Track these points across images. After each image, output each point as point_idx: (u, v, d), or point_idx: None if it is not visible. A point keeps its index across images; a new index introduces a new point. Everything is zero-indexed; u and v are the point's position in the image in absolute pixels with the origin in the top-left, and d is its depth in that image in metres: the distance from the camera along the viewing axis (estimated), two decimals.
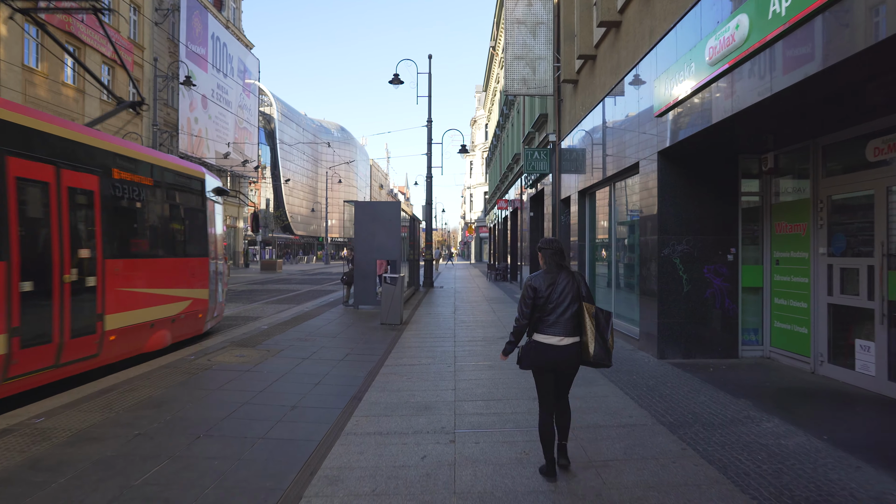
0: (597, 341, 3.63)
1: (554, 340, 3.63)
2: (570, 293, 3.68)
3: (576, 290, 3.70)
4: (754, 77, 5.02)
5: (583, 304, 3.68)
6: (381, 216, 13.73)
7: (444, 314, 12.99)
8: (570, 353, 3.65)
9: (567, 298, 3.66)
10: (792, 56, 4.46)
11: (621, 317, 9.66)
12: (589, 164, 11.01)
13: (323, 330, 10.34)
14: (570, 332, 3.64)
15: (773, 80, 4.71)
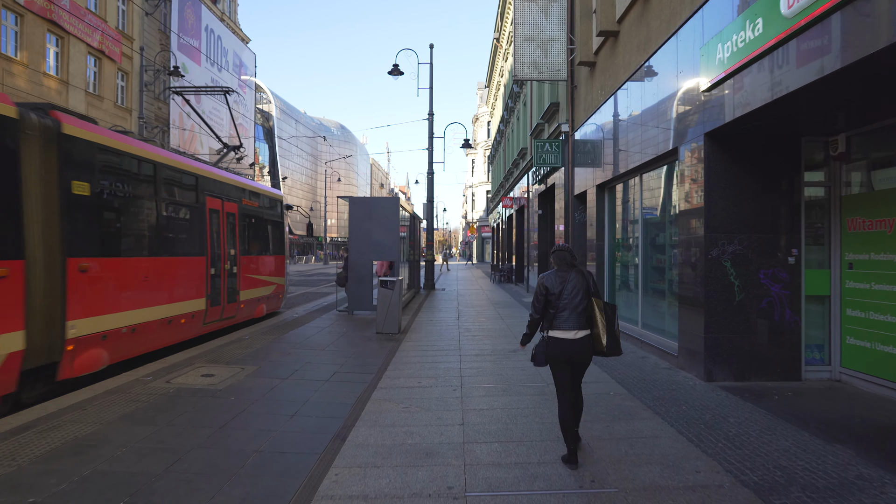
0: (608, 333, 3.92)
1: (569, 335, 3.91)
2: (581, 290, 3.95)
3: (585, 287, 3.97)
4: (857, 28, 3.84)
5: (592, 300, 3.94)
6: (378, 213, 12.55)
7: (447, 321, 11.81)
8: (585, 345, 3.95)
9: (579, 294, 3.94)
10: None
11: (650, 327, 8.47)
12: (609, 154, 9.83)
13: (311, 341, 9.16)
14: (582, 325, 3.92)
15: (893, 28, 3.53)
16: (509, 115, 25.82)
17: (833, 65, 4.08)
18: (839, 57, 4.01)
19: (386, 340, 9.30)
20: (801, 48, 4.45)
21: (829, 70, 4.13)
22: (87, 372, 6.42)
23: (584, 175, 11.79)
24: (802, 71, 4.40)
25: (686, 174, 6.60)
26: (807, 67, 4.36)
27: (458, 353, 8.23)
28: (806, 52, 4.38)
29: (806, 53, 4.39)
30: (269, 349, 8.35)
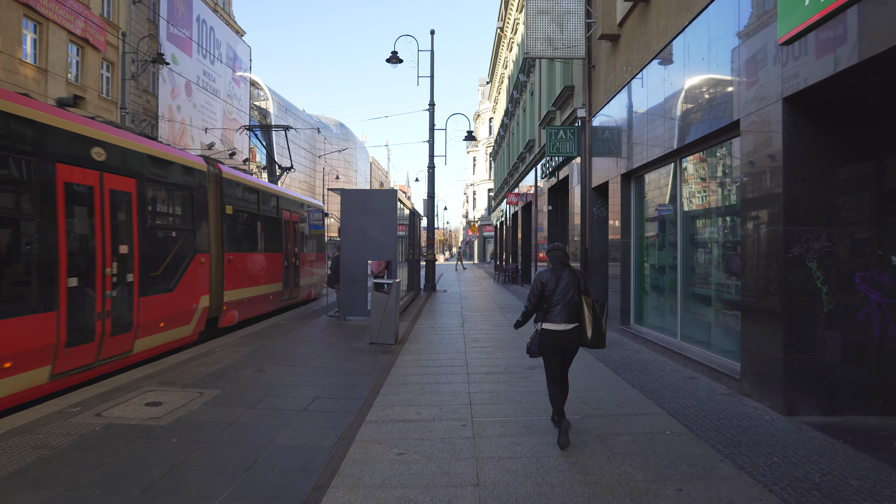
0: (593, 327, 4.36)
1: (560, 327, 4.37)
2: (572, 286, 4.41)
3: (577, 284, 4.43)
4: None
5: (582, 297, 4.40)
6: (373, 207, 11.23)
7: (451, 328, 10.49)
8: (573, 336, 4.41)
9: (571, 291, 4.39)
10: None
11: (693, 340, 7.15)
12: (638, 139, 8.51)
13: (292, 354, 7.84)
14: (571, 319, 4.37)
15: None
16: (514, 108, 24.49)
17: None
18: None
19: (381, 353, 7.98)
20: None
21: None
22: (230, 324, 10.26)
23: (605, 165, 10.47)
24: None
25: (753, 152, 5.27)
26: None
27: (464, 369, 6.92)
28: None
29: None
30: (242, 365, 7.03)
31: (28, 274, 5.62)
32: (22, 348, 5.43)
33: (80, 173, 6.35)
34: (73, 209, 6.29)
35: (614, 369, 6.79)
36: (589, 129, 11.54)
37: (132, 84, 27.86)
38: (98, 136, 6.73)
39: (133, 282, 7.27)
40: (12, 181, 5.55)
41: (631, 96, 8.85)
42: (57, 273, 5.87)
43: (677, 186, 7.53)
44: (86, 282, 6.37)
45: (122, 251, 7.07)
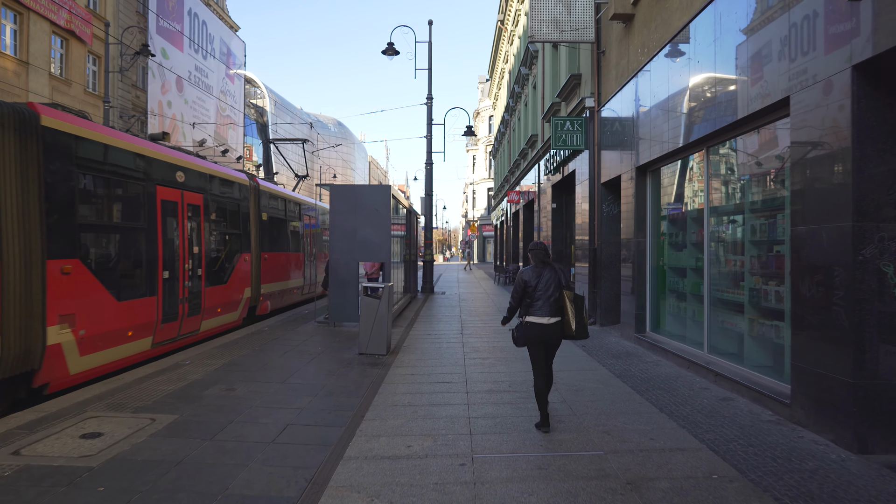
0: (576, 320, 4.59)
1: (543, 320, 4.60)
2: (554, 283, 4.64)
3: (557, 281, 4.66)
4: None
5: (563, 292, 4.62)
6: (365, 205, 10.37)
7: (449, 335, 9.63)
8: (556, 329, 4.63)
9: (551, 287, 4.62)
10: None
11: (724, 353, 6.30)
12: (656, 128, 7.66)
13: (271, 367, 6.98)
14: (554, 313, 4.61)
15: None
16: (515, 103, 23.64)
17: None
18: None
19: (370, 366, 7.12)
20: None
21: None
22: (264, 312, 12.02)
23: (616, 158, 9.62)
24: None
25: (808, 134, 4.42)
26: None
27: (463, 386, 6.06)
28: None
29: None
30: (210, 381, 6.17)
31: (142, 268, 7.49)
32: (138, 322, 7.28)
33: (169, 192, 8.20)
34: (166, 220, 8.07)
35: (635, 387, 5.93)
36: (598, 121, 10.69)
37: (120, 79, 26.99)
38: (180, 163, 8.61)
39: (201, 274, 9.14)
40: (132, 199, 7.47)
41: (647, 81, 8.00)
42: (157, 267, 7.77)
43: (705, 179, 6.67)
44: (173, 274, 8.22)
45: (195, 251, 8.94)
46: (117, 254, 7.10)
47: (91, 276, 6.42)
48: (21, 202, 5.50)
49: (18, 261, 5.43)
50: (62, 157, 6.04)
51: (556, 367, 6.30)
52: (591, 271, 10.73)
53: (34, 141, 5.65)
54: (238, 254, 10.69)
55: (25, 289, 5.50)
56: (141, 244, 7.48)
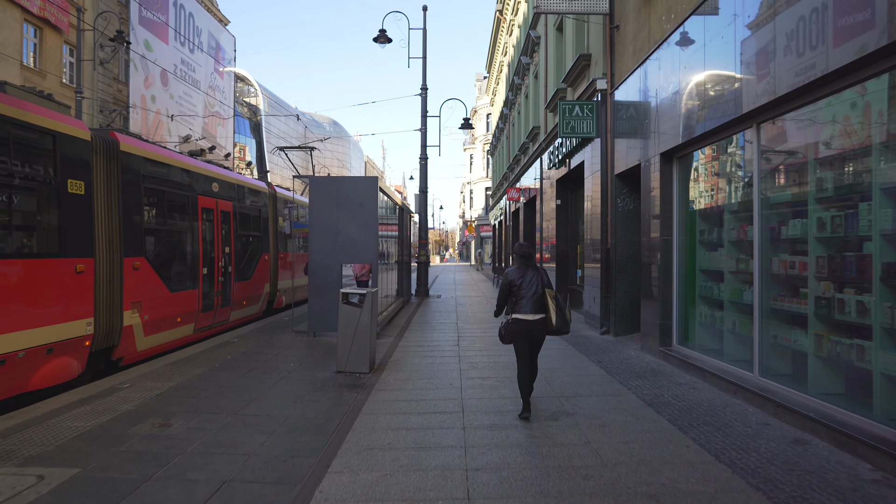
0: (557, 316, 4.93)
1: (528, 317, 4.94)
2: (536, 282, 4.98)
3: (539, 280, 5.00)
4: None
5: (545, 290, 4.96)
6: (349, 198, 9.17)
7: (443, 347, 8.43)
8: (539, 325, 4.96)
9: (534, 286, 4.96)
10: None
11: (777, 374, 5.11)
12: (686, 106, 6.49)
13: (227, 391, 5.77)
14: (537, 310, 4.94)
15: None
16: (515, 96, 22.46)
17: None
18: None
19: (348, 388, 5.93)
20: None
21: None
22: (280, 306, 13.57)
23: (634, 146, 8.45)
24: None
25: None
26: None
27: (460, 418, 4.87)
28: None
29: None
30: (145, 412, 4.96)
31: (187, 265, 8.90)
32: (184, 310, 8.65)
33: (207, 201, 9.59)
34: (204, 224, 9.47)
35: (675, 420, 4.74)
36: (611, 104, 9.51)
37: (101, 71, 25.74)
38: (214, 175, 10.03)
39: (231, 271, 10.48)
40: (180, 207, 8.82)
41: (674, 53, 6.83)
42: (198, 264, 9.16)
43: (754, 162, 5.48)
44: (210, 271, 9.60)
45: (227, 250, 10.33)
46: (170, 253, 8.53)
47: (152, 271, 7.87)
48: (107, 212, 6.94)
49: (106, 258, 6.89)
50: (134, 175, 7.52)
51: (573, 391, 5.17)
52: (603, 274, 9.54)
53: (116, 163, 7.17)
54: (259, 253, 12.11)
55: (110, 280, 6.95)
56: (186, 245, 8.97)
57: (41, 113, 5.80)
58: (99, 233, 6.70)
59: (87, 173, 6.46)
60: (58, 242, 5.98)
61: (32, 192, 5.78)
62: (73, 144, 6.25)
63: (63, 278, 6.02)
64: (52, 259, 5.90)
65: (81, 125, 6.41)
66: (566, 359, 7.47)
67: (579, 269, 13.51)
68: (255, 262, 11.82)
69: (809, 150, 4.89)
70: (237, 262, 10.77)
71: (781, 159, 5.25)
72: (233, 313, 10.61)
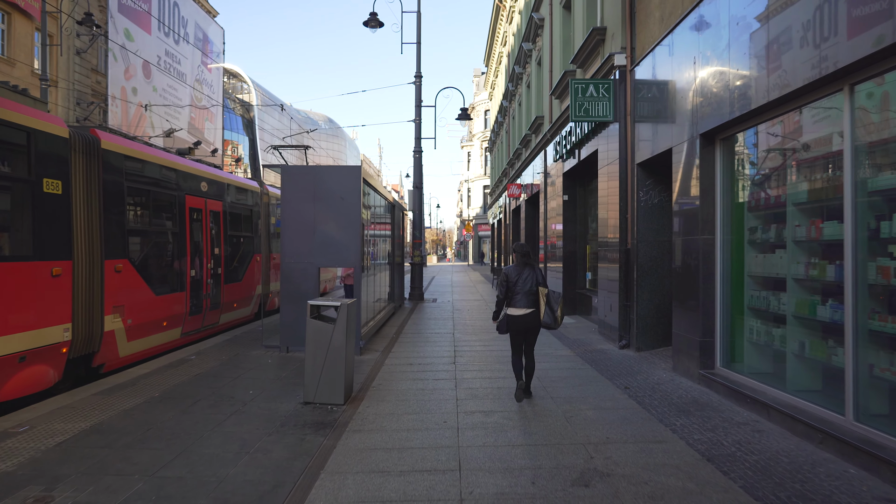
0: (546, 312, 5.35)
1: (521, 312, 5.38)
2: (531, 280, 5.40)
3: (534, 278, 5.41)
4: None
5: (539, 288, 5.39)
6: (328, 192, 7.88)
7: (437, 366, 7.14)
8: (531, 318, 5.39)
9: (529, 283, 5.39)
10: None
11: (875, 417, 3.82)
12: (742, 70, 5.21)
13: (153, 436, 4.45)
14: (530, 305, 5.38)
15: None
16: (515, 86, 21.17)
17: None
18: None
19: (313, 429, 4.63)
20: None
21: None
22: (273, 308, 12.54)
23: (661, 129, 7.18)
24: None
25: None
26: None
27: (456, 481, 3.58)
28: None
29: None
30: (21, 479, 3.65)
31: (174, 267, 8.57)
32: (171, 314, 8.37)
33: (195, 200, 9.18)
34: (193, 225, 9.07)
35: (752, 489, 3.44)
36: (631, 83, 8.23)
37: (77, 61, 24.38)
38: (203, 174, 9.53)
39: (221, 273, 10.02)
40: (167, 207, 8.54)
41: (721, 9, 5.54)
42: (185, 266, 8.79)
43: (846, 137, 4.18)
44: (199, 273, 9.20)
45: (216, 252, 9.82)
46: (155, 254, 8.18)
47: (136, 273, 7.48)
48: (87, 212, 6.56)
49: (86, 260, 6.51)
50: (116, 174, 7.13)
51: (602, 435, 4.15)
52: (622, 278, 8.25)
53: (96, 162, 6.76)
54: (251, 254, 11.59)
55: (90, 283, 6.57)
56: (173, 246, 8.58)
57: (15, 109, 5.51)
58: (78, 234, 6.37)
59: (64, 172, 6.15)
60: (31, 245, 5.67)
61: (4, 192, 5.52)
62: (49, 142, 5.93)
63: (38, 282, 5.73)
64: (25, 262, 5.59)
65: (59, 122, 6.12)
66: (585, 383, 6.18)
67: (589, 271, 12.24)
68: (246, 264, 11.39)
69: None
70: (227, 263, 10.40)
71: (888, 131, 3.95)
72: (223, 316, 10.23)
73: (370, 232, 10.22)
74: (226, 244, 10.41)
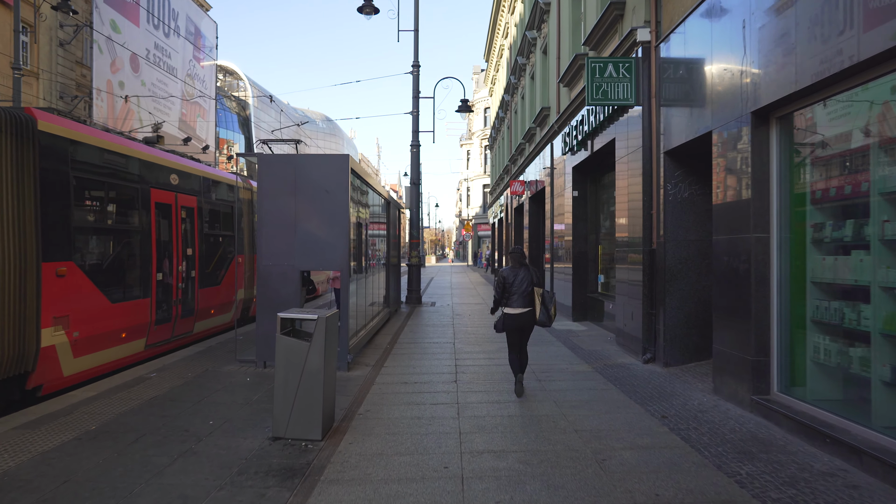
0: (541, 311, 5.67)
1: (517, 311, 5.68)
2: (527, 280, 5.70)
3: (530, 279, 5.71)
4: None
5: (534, 288, 5.71)
6: (311, 184, 6.88)
7: (436, 385, 6.13)
8: (527, 317, 5.70)
9: (525, 283, 5.69)
10: None
11: None
12: (812, 33, 4.22)
13: (68, 490, 3.44)
14: (526, 304, 5.68)
15: None
16: (518, 79, 20.18)
17: None
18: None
19: (278, 480, 3.63)
20: None
21: None
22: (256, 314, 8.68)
23: (695, 111, 6.20)
24: None
25: None
26: None
27: None
28: None
29: None
30: None
31: (136, 270, 7.49)
32: (131, 324, 7.24)
33: (163, 195, 8.15)
34: (160, 222, 8.05)
35: None
36: (657, 60, 7.24)
37: (61, 53, 23.34)
38: (174, 166, 8.58)
39: (195, 276, 9.07)
40: (126, 202, 7.48)
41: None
42: (150, 268, 7.74)
43: None
44: (167, 276, 8.18)
45: (189, 253, 8.88)
46: (111, 256, 7.17)
47: (85, 278, 6.49)
48: (17, 205, 5.58)
49: (13, 263, 5.51)
50: (58, 161, 6.14)
51: (649, 488, 3.24)
52: (646, 283, 7.26)
53: (30, 145, 5.75)
54: (231, 255, 10.50)
55: (20, 291, 5.57)
56: (135, 246, 7.56)
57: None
58: (3, 232, 5.42)
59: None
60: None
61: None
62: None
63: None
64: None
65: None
66: (612, 410, 5.18)
67: (601, 273, 11.24)
68: (225, 266, 10.28)
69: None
70: (203, 265, 9.36)
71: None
72: (198, 324, 9.21)
73: (365, 231, 9.24)
74: (202, 244, 9.35)
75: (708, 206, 6.78)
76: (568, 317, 11.59)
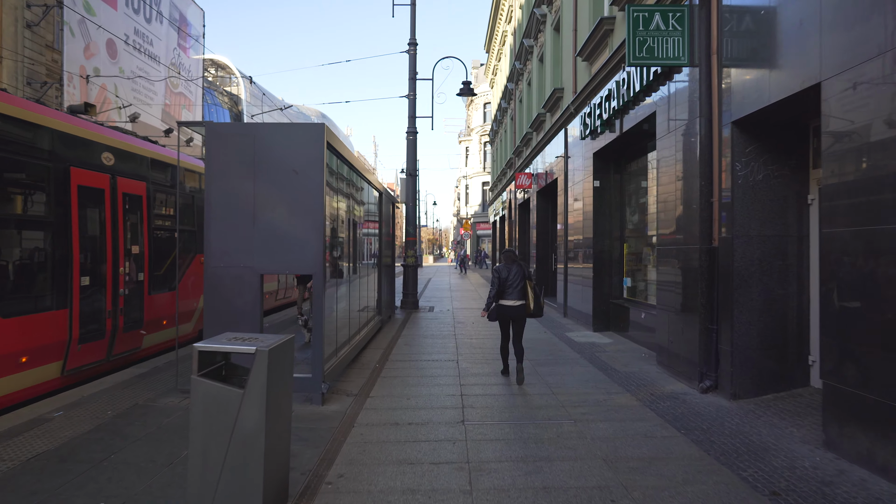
0: (534, 303, 6.17)
1: (511, 303, 6.15)
2: (519, 275, 6.17)
3: (522, 274, 6.18)
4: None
5: (526, 282, 6.17)
6: (274, 161, 5.27)
7: (437, 430, 4.53)
8: (520, 309, 6.17)
9: (518, 278, 6.15)
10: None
11: None
12: None
13: None
14: (519, 297, 6.14)
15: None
16: (524, 63, 18.60)
17: None
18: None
19: None
20: None
21: None
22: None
23: (784, 64, 4.63)
24: None
25: None
26: None
27: None
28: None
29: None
30: None
31: (44, 273, 5.86)
32: (35, 344, 5.60)
33: (91, 177, 6.49)
34: (85, 211, 6.41)
35: None
36: (718, 7, 5.66)
37: (28, 36, 21.58)
38: (108, 142, 6.90)
39: (144, 280, 7.50)
40: (29, 185, 5.88)
41: None
42: (70, 272, 6.06)
43: None
44: (98, 280, 6.53)
45: (134, 251, 7.30)
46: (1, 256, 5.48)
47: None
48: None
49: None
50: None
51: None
52: (704, 290, 5.67)
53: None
54: (192, 254, 8.86)
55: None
56: (43, 242, 5.93)
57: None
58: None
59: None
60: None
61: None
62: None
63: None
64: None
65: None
66: (691, 476, 3.59)
67: (627, 276, 9.67)
68: (184, 267, 8.66)
69: None
70: (154, 266, 7.82)
71: None
72: (147, 338, 7.66)
73: (350, 226, 7.64)
74: (153, 241, 7.78)
75: (791, 191, 5.22)
76: (587, 326, 10.01)
